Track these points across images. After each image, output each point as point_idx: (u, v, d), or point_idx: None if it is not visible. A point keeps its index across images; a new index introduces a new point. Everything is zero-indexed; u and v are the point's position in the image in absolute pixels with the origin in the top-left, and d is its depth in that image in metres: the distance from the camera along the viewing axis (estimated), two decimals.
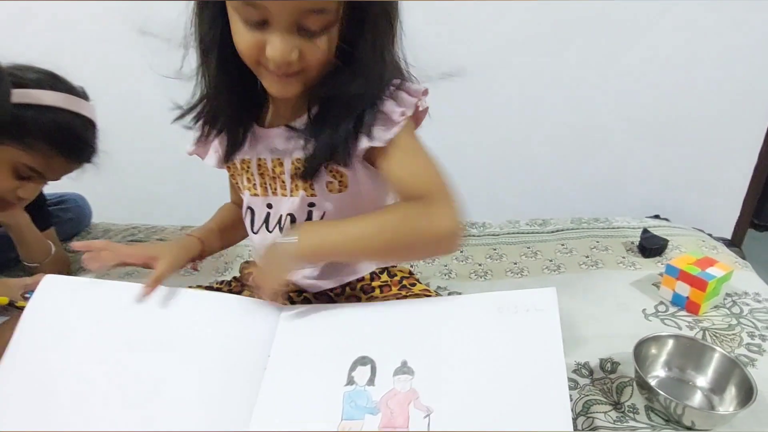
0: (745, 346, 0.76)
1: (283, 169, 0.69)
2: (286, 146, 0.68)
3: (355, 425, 0.56)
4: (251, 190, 0.74)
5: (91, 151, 0.92)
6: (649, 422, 0.65)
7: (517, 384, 0.54)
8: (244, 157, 0.72)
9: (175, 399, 0.59)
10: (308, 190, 0.69)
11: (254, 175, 0.72)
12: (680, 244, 1.04)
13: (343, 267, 0.78)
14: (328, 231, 0.63)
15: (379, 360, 0.60)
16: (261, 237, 0.76)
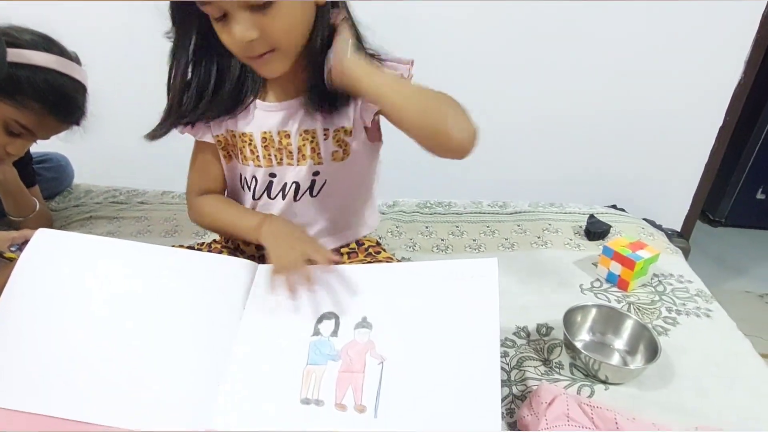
0: (662, 319, 0.88)
1: (290, 141, 0.75)
2: (294, 119, 0.74)
3: (318, 369, 0.65)
4: (254, 162, 0.77)
5: (81, 113, 0.95)
6: (571, 376, 0.75)
7: (456, 339, 0.63)
8: (244, 130, 0.75)
9: (155, 348, 0.65)
10: (315, 159, 0.76)
11: (257, 147, 0.76)
12: (622, 230, 1.15)
13: (333, 235, 0.85)
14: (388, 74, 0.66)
15: (342, 315, 0.68)
16: (263, 202, 0.81)
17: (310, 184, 0.78)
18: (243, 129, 0.75)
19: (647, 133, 1.65)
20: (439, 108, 0.63)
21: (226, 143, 0.79)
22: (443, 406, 0.59)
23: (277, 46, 0.63)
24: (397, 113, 0.63)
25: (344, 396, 0.62)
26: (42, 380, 0.62)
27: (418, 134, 0.63)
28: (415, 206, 1.27)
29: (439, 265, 0.72)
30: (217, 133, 0.78)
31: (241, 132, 0.76)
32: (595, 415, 0.65)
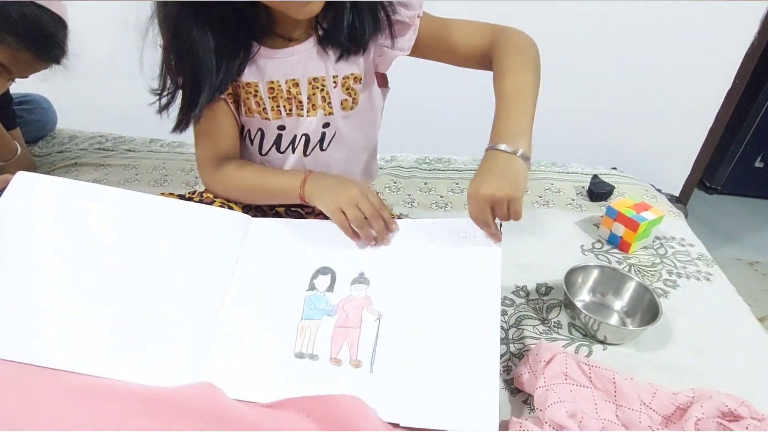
0: (662, 281, 0.86)
1: (299, 90, 0.70)
2: (302, 66, 0.69)
3: (313, 324, 0.63)
4: (261, 114, 0.73)
5: (61, 50, 0.90)
6: (569, 335, 0.74)
7: (456, 297, 0.62)
8: (248, 80, 0.70)
9: (145, 298, 0.63)
10: (326, 109, 0.72)
11: (264, 98, 0.71)
12: (625, 191, 1.12)
13: None
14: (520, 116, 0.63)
15: (339, 270, 0.66)
16: (271, 157, 0.77)
17: (320, 136, 0.75)
18: (247, 79, 0.70)
19: (652, 96, 1.61)
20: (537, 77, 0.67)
21: (235, 95, 0.73)
22: (440, 362, 0.58)
23: None
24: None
25: (339, 351, 0.60)
26: (24, 328, 0.59)
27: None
28: (413, 162, 1.23)
29: (439, 222, 0.70)
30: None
31: (245, 82, 0.70)
32: (593, 374, 0.64)
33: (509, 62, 0.66)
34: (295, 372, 0.59)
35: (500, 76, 0.66)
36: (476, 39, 0.71)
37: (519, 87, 0.64)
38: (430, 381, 0.57)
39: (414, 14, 0.68)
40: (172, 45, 0.65)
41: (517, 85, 0.64)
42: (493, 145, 0.61)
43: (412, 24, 0.68)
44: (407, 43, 0.69)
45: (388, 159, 1.24)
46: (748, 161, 2.22)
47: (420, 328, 0.61)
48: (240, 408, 0.55)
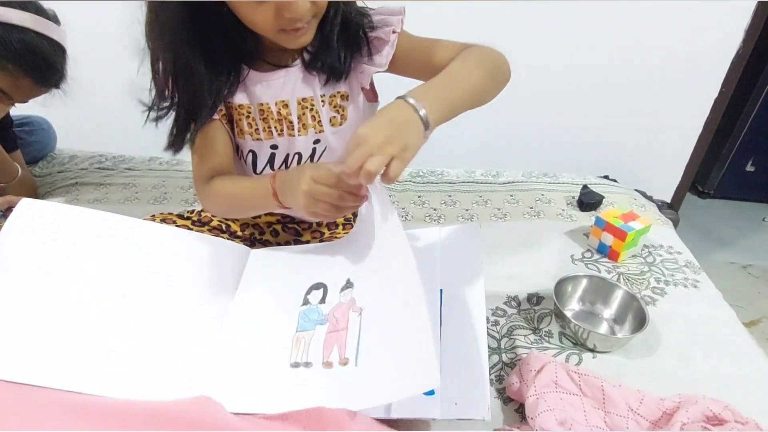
0: (651, 289, 0.89)
1: (289, 110, 0.73)
2: (290, 88, 0.71)
3: (307, 335, 0.65)
4: (253, 135, 0.75)
5: (60, 76, 0.92)
6: (560, 344, 0.76)
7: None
8: (240, 102, 0.72)
9: (143, 321, 0.64)
10: (317, 127, 0.74)
11: (256, 120, 0.74)
12: (614, 201, 1.15)
13: None
14: (443, 91, 0.59)
15: (329, 282, 0.69)
16: (267, 174, 0.78)
17: (311, 152, 0.77)
18: (239, 101, 0.72)
19: (641, 104, 1.64)
20: (484, 80, 0.63)
21: (228, 116, 0.76)
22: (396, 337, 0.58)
23: (318, 14, 0.62)
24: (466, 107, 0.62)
25: (330, 354, 0.62)
26: (28, 350, 0.60)
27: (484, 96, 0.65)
28: (407, 175, 1.26)
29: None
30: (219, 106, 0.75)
31: (237, 104, 0.72)
32: (582, 382, 0.66)
33: (463, 55, 0.65)
34: (290, 381, 0.61)
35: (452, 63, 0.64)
36: (450, 54, 0.70)
37: (458, 73, 0.61)
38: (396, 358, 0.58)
39: (390, 30, 0.70)
40: (168, 71, 0.67)
41: (458, 71, 0.62)
42: (404, 96, 0.56)
43: (388, 40, 0.70)
44: (384, 59, 0.70)
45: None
46: (740, 165, 2.25)
47: (395, 317, 0.60)
48: (238, 422, 0.57)
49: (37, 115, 1.34)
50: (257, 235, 0.86)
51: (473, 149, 1.52)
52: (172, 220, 0.85)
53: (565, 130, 1.68)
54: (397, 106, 0.55)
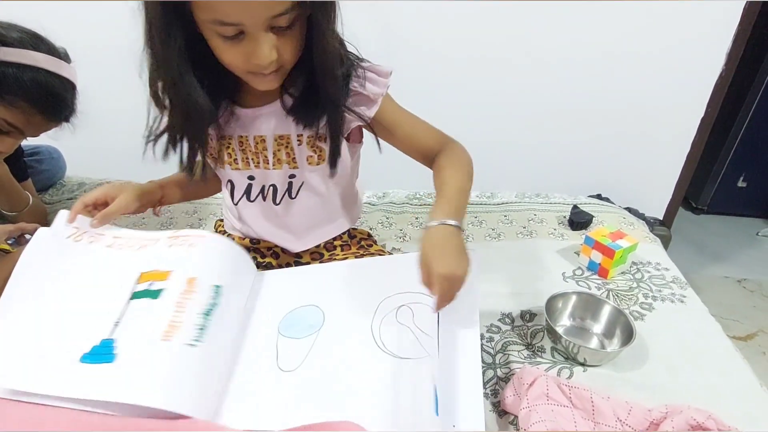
0: (639, 305, 0.92)
1: (265, 146, 0.77)
2: (268, 124, 0.76)
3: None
4: (232, 165, 0.80)
5: (70, 111, 0.94)
6: (551, 359, 0.80)
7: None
8: (223, 134, 0.77)
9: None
10: (291, 164, 0.78)
11: (235, 150, 0.78)
12: (603, 220, 1.19)
13: (319, 231, 0.88)
14: (458, 205, 0.69)
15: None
16: (242, 206, 0.85)
17: (287, 186, 0.81)
18: (222, 133, 0.77)
19: (630, 125, 1.69)
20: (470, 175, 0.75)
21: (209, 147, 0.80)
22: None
23: (285, 64, 0.65)
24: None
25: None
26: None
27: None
28: (404, 198, 1.30)
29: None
30: None
31: (219, 135, 0.77)
32: (572, 394, 0.69)
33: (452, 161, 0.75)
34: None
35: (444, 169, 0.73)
36: (428, 139, 0.79)
37: (457, 184, 0.71)
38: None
39: (380, 93, 0.74)
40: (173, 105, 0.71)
41: (455, 182, 0.71)
42: (444, 220, 0.65)
43: (375, 101, 0.75)
44: (369, 113, 0.75)
45: (380, 195, 1.31)
46: (731, 181, 2.30)
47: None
48: None
49: (47, 145, 1.38)
50: (259, 258, 0.90)
51: None
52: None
53: (558, 151, 1.73)
54: (452, 234, 0.64)
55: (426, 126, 0.80)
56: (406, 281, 0.72)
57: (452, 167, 0.73)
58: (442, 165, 0.74)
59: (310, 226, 0.87)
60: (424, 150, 0.79)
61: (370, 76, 0.74)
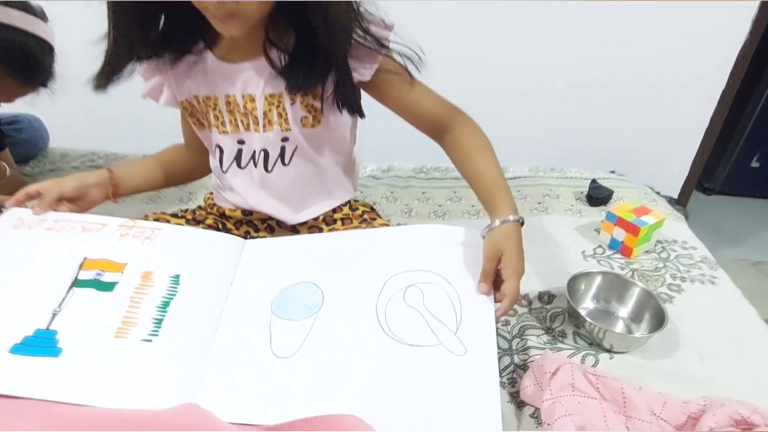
0: (667, 286, 0.85)
1: (255, 105, 0.70)
2: (257, 81, 0.68)
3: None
4: (219, 128, 0.73)
5: (48, 74, 0.88)
6: (574, 345, 0.73)
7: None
8: (208, 94, 0.71)
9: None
10: (283, 125, 0.70)
11: (222, 112, 0.72)
12: (624, 195, 1.11)
13: (315, 203, 0.81)
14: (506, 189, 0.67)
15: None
16: (232, 174, 0.77)
17: (279, 151, 0.73)
18: (206, 92, 0.71)
19: (648, 98, 1.62)
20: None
21: (192, 110, 0.74)
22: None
23: (243, 12, 0.58)
24: None
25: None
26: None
27: None
28: (411, 171, 1.22)
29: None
30: (182, 99, 0.74)
31: (205, 96, 0.71)
32: (600, 384, 0.62)
33: (485, 144, 0.70)
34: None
35: (477, 156, 0.69)
36: (435, 107, 0.72)
37: (498, 170, 0.69)
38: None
39: (378, 45, 0.66)
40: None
41: (496, 169, 0.69)
42: (509, 218, 0.63)
43: (375, 58, 0.67)
44: (368, 72, 0.68)
45: (384, 169, 1.23)
46: (745, 161, 2.22)
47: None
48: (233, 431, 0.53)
49: (28, 113, 1.30)
50: (252, 233, 0.82)
51: None
52: (165, 219, 0.82)
53: (571, 126, 1.66)
54: (516, 230, 0.64)
55: (432, 92, 0.73)
56: (416, 257, 0.65)
57: (488, 152, 0.69)
58: (472, 149, 0.69)
59: (305, 196, 0.80)
60: (428, 118, 0.72)
61: (374, 29, 0.66)
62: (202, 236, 0.73)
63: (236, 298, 0.65)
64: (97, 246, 0.67)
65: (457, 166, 0.72)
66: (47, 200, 0.70)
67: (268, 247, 0.72)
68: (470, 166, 0.69)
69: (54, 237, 0.67)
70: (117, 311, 0.61)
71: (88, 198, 0.74)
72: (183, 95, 0.73)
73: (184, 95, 0.73)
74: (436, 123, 0.72)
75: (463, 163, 0.70)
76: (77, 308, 0.60)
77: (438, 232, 0.68)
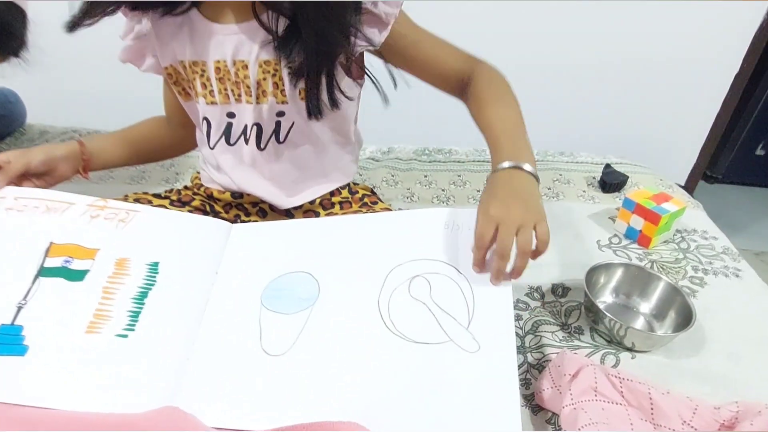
0: (688, 279, 0.79)
1: (247, 73, 0.62)
2: (251, 46, 0.61)
3: None
4: (207, 98, 0.66)
5: (19, 43, 0.81)
6: (592, 342, 0.67)
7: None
8: (195, 59, 0.64)
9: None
10: (278, 96, 0.63)
11: (211, 80, 0.64)
12: (638, 182, 1.05)
13: (311, 186, 0.75)
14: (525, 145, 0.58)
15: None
16: (220, 151, 0.70)
17: (274, 126, 0.66)
18: (193, 57, 0.64)
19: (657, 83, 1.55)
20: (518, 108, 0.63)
21: (177, 77, 0.67)
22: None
23: None
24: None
25: None
26: None
27: None
28: (412, 153, 1.15)
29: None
30: (166, 65, 0.66)
31: (191, 61, 0.64)
32: (625, 388, 0.56)
33: (500, 93, 0.63)
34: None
35: (492, 105, 0.61)
36: (454, 60, 0.66)
37: (514, 120, 0.61)
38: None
39: (392, 13, 0.61)
40: None
41: (510, 118, 0.61)
42: (503, 164, 0.55)
43: (387, 23, 0.61)
44: (377, 38, 0.61)
45: (384, 150, 1.16)
46: (749, 149, 2.17)
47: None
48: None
49: (5, 87, 1.22)
50: (243, 217, 0.75)
51: None
52: (147, 200, 0.74)
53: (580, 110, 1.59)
54: (505, 176, 0.54)
55: (449, 46, 0.66)
56: (422, 245, 0.59)
57: (501, 101, 0.62)
58: (485, 99, 0.62)
59: (300, 179, 0.73)
60: (449, 74, 0.66)
61: (381, 7, 0.60)
62: (185, 220, 0.66)
63: (222, 289, 0.59)
64: (65, 229, 0.60)
65: (475, 122, 0.65)
66: (10, 173, 0.62)
67: (257, 232, 0.65)
68: (481, 119, 0.62)
69: (15, 218, 0.60)
70: (88, 303, 0.54)
71: (55, 173, 0.67)
72: (167, 60, 0.66)
73: (168, 60, 0.66)
74: (456, 77, 0.66)
75: (476, 117, 0.64)
76: (44, 300, 0.54)
77: (446, 217, 0.61)
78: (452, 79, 0.66)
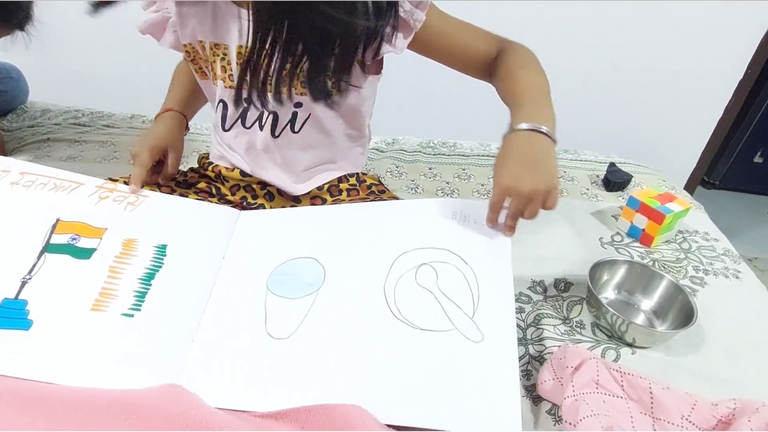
0: (689, 278, 0.80)
1: (271, 62, 0.62)
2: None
3: None
4: (226, 81, 0.65)
5: (24, 16, 0.80)
6: (593, 337, 0.67)
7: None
8: (217, 41, 0.63)
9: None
10: (298, 88, 0.63)
11: (232, 64, 0.64)
12: (642, 181, 1.06)
13: (321, 173, 0.75)
14: (545, 107, 0.57)
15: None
16: (234, 134, 0.70)
17: (291, 116, 0.66)
18: (215, 39, 0.63)
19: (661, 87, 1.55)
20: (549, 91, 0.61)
21: (196, 55, 0.66)
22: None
23: None
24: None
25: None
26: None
27: None
28: (417, 145, 1.15)
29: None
30: (185, 42, 0.65)
31: (213, 42, 0.63)
32: (625, 382, 0.57)
33: (526, 62, 0.62)
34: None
35: (516, 72, 0.61)
36: (484, 44, 0.65)
37: (537, 85, 0.60)
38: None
39: (422, 19, 0.61)
40: None
41: (533, 83, 0.59)
42: (518, 126, 0.54)
43: (414, 28, 0.61)
44: (401, 43, 0.61)
45: (389, 142, 1.16)
46: (748, 156, 2.18)
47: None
48: (222, 416, 0.47)
49: (7, 62, 1.20)
50: (250, 199, 0.75)
51: (489, 119, 1.42)
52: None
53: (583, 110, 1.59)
54: (520, 138, 0.54)
55: (476, 30, 0.66)
56: (429, 234, 0.59)
57: (526, 68, 0.61)
58: (511, 68, 0.61)
59: (310, 167, 0.73)
60: (480, 59, 0.65)
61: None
62: (193, 205, 0.66)
63: (228, 272, 0.59)
64: (72, 207, 0.59)
65: (500, 95, 0.64)
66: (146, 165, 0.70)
67: (265, 219, 0.65)
68: (506, 86, 0.61)
69: (21, 193, 0.60)
70: (94, 281, 0.54)
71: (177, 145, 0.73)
72: (186, 38, 0.65)
73: (188, 38, 0.65)
74: (486, 61, 0.66)
75: (502, 88, 0.62)
76: (49, 276, 0.53)
77: (455, 207, 0.61)
78: (482, 63, 0.66)
